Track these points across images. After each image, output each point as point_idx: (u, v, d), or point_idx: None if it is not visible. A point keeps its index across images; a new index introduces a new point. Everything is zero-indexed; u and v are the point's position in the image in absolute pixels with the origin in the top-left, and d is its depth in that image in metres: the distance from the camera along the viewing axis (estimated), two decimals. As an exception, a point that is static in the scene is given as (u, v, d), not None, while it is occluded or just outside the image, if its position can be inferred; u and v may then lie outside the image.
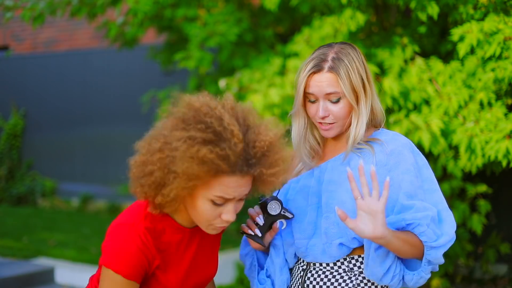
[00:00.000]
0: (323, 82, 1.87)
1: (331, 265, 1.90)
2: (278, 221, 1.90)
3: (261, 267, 2.04)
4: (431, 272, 1.88)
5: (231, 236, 5.51)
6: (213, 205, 1.59)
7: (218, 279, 6.03)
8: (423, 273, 1.81)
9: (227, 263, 5.32)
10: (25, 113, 10.00)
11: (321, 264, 1.91)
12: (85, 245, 6.53)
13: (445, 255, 4.27)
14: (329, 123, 1.89)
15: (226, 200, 1.59)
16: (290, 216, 1.90)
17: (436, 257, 1.78)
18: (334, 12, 4.03)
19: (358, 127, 1.88)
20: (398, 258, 1.83)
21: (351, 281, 1.87)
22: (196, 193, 1.59)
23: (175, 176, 1.52)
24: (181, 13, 4.80)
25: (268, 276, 2.00)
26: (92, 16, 5.07)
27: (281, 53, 4.56)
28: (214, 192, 1.57)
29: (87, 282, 1.86)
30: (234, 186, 1.57)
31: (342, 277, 1.88)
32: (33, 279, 5.34)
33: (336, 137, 1.96)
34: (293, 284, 1.97)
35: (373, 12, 4.23)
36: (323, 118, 1.88)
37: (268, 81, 4.04)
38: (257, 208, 1.91)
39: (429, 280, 4.33)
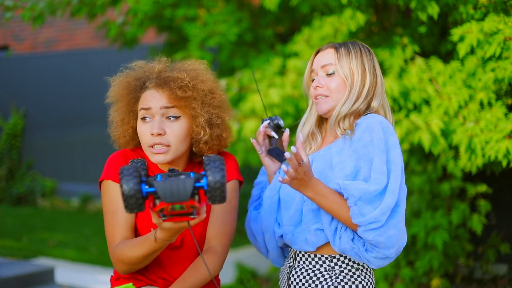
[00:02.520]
0: (323, 56, 2.04)
1: (316, 259, 1.97)
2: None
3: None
4: (431, 272, 1.91)
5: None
6: (143, 123, 1.90)
7: (218, 279, 5.93)
8: (369, 256, 1.88)
9: (227, 263, 5.31)
10: (25, 113, 10.00)
11: (303, 255, 2.00)
12: (85, 245, 6.53)
13: (445, 255, 4.29)
14: (323, 95, 2.00)
15: (146, 111, 1.89)
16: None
17: (364, 234, 1.83)
18: (334, 12, 4.03)
19: (345, 105, 1.97)
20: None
21: (331, 280, 1.95)
22: (136, 120, 1.95)
23: (111, 105, 2.01)
24: (181, 13, 4.80)
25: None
26: (92, 16, 5.07)
27: (281, 53, 4.56)
28: (138, 108, 1.93)
29: (87, 282, 1.93)
30: (150, 97, 1.89)
31: (323, 275, 1.96)
32: (33, 279, 5.34)
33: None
34: (281, 278, 2.10)
35: (373, 12, 4.23)
36: (316, 87, 2.01)
37: (268, 81, 4.04)
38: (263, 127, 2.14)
39: (429, 280, 4.33)
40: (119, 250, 1.83)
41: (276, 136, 2.12)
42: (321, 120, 2.11)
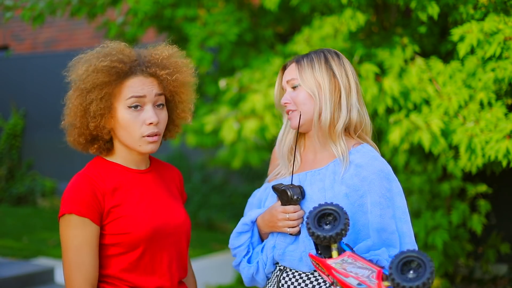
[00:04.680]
0: (287, 72, 2.01)
1: (307, 273, 1.94)
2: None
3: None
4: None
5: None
6: (132, 111, 1.79)
7: (218, 279, 6.04)
8: None
9: (227, 263, 5.32)
10: (25, 113, 10.00)
11: (296, 271, 1.96)
12: (85, 245, 6.53)
13: (445, 255, 4.29)
14: (291, 110, 1.98)
15: (139, 100, 1.79)
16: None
17: None
18: (334, 12, 4.03)
19: (322, 117, 1.93)
20: None
21: (325, 284, 1.91)
22: (115, 109, 1.80)
23: (89, 93, 1.79)
24: (181, 13, 4.79)
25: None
26: (92, 16, 5.07)
27: (281, 53, 4.56)
28: (126, 96, 1.79)
29: None
30: (140, 85, 1.79)
31: (316, 279, 1.93)
32: (33, 279, 5.34)
33: (316, 149, 2.00)
34: (269, 282, 2.03)
35: (373, 12, 4.23)
36: (285, 104, 1.99)
37: (268, 81, 4.04)
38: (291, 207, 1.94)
39: (429, 280, 4.33)
40: None
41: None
42: (298, 136, 2.05)
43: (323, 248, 1.67)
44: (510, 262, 5.11)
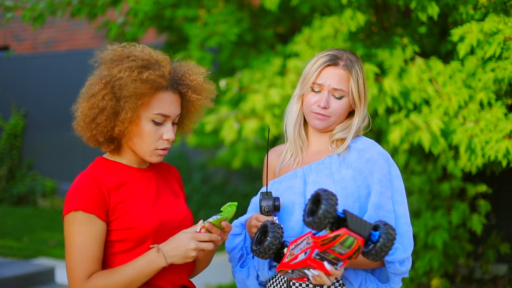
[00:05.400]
0: (335, 76, 1.98)
1: None
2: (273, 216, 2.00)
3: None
4: (431, 272, 1.94)
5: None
6: (154, 125, 1.83)
7: (218, 279, 6.03)
8: (393, 284, 1.95)
9: (227, 263, 5.31)
10: (25, 113, 10.00)
11: None
12: (85, 245, 6.53)
13: (445, 255, 4.29)
14: (325, 115, 1.99)
15: (164, 118, 1.83)
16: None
17: (395, 269, 1.89)
18: (334, 12, 4.03)
19: (357, 127, 2.02)
20: (370, 272, 1.97)
21: (338, 281, 1.94)
22: (139, 117, 1.82)
23: (126, 99, 1.78)
24: (181, 13, 4.80)
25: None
26: (93, 16, 5.07)
27: (281, 53, 4.56)
28: (153, 111, 1.82)
29: None
30: (168, 102, 1.84)
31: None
32: (33, 279, 5.34)
33: (320, 140, 2.06)
34: (277, 279, 2.02)
35: (373, 12, 4.23)
36: (323, 108, 1.98)
37: (269, 81, 4.04)
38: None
39: (429, 280, 4.34)
40: (96, 280, 1.74)
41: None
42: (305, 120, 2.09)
43: (274, 256, 1.90)
44: (510, 262, 5.11)
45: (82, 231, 1.76)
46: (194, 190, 7.66)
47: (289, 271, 1.77)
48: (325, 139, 2.05)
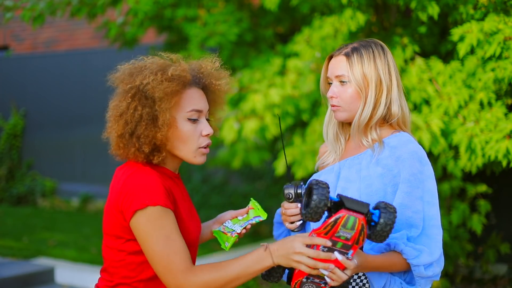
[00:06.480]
0: (336, 64, 1.99)
1: None
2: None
3: None
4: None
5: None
6: (191, 123, 1.82)
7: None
8: (420, 287, 1.89)
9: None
10: (25, 113, 10.00)
11: None
12: (85, 245, 6.53)
13: (445, 255, 4.29)
14: (336, 105, 1.99)
15: (198, 114, 1.83)
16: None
17: (420, 272, 1.85)
18: (334, 12, 4.03)
19: (362, 114, 1.96)
20: (396, 274, 1.92)
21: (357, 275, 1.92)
22: (175, 120, 1.80)
23: (160, 102, 1.76)
24: (181, 13, 4.80)
25: None
26: (92, 16, 5.07)
27: (281, 53, 4.56)
28: (186, 109, 1.81)
29: (87, 282, 1.87)
30: (198, 97, 1.84)
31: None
32: (33, 279, 5.34)
33: (357, 137, 2.03)
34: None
35: (373, 12, 4.23)
36: (330, 98, 1.99)
37: (269, 81, 4.04)
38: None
39: (429, 280, 4.33)
40: (204, 275, 1.68)
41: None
42: (343, 125, 2.09)
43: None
44: (510, 262, 5.10)
45: (164, 224, 1.71)
46: (194, 190, 7.66)
47: (303, 279, 1.72)
48: (356, 134, 2.02)
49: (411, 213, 1.86)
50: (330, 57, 2.04)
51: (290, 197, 1.95)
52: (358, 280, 1.93)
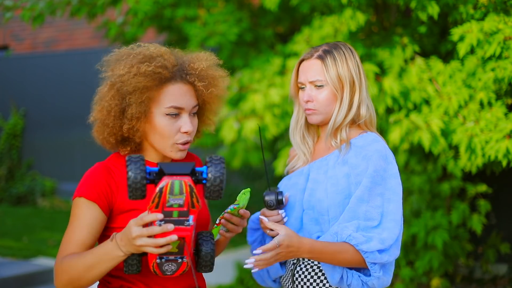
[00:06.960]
0: (309, 67, 1.99)
1: (316, 262, 1.96)
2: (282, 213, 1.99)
3: None
4: (431, 272, 1.92)
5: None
6: (170, 119, 1.79)
7: (218, 279, 6.03)
8: (376, 274, 1.88)
9: (227, 263, 5.32)
10: (25, 113, 10.00)
11: (309, 264, 1.99)
12: (85, 245, 6.53)
13: (445, 255, 4.29)
14: (312, 109, 1.99)
15: (178, 110, 1.79)
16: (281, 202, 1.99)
17: (375, 258, 1.84)
18: (334, 12, 4.03)
19: (338, 115, 1.98)
20: (353, 269, 1.92)
21: None
22: (151, 114, 1.79)
23: (130, 96, 1.75)
24: (181, 13, 4.79)
25: None
26: (92, 16, 5.07)
27: (281, 53, 4.56)
28: (165, 104, 1.78)
29: None
30: (180, 94, 1.79)
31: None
32: (33, 279, 5.34)
33: (327, 139, 2.04)
34: (285, 275, 2.07)
35: (373, 12, 4.23)
36: (306, 102, 1.99)
37: (268, 81, 4.04)
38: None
39: (429, 280, 4.33)
40: (66, 260, 1.72)
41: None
42: (310, 126, 2.11)
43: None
44: (510, 262, 5.10)
45: (79, 216, 1.77)
46: (193, 190, 7.66)
47: (157, 260, 1.63)
48: (327, 135, 2.05)
49: (368, 207, 1.88)
50: (301, 61, 2.03)
51: (272, 204, 1.95)
52: (314, 276, 1.95)
